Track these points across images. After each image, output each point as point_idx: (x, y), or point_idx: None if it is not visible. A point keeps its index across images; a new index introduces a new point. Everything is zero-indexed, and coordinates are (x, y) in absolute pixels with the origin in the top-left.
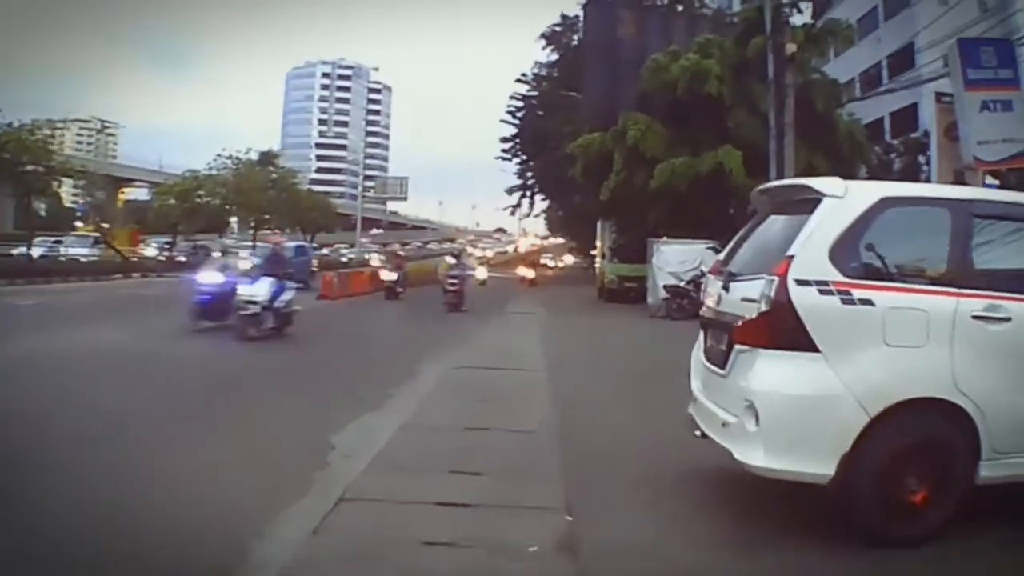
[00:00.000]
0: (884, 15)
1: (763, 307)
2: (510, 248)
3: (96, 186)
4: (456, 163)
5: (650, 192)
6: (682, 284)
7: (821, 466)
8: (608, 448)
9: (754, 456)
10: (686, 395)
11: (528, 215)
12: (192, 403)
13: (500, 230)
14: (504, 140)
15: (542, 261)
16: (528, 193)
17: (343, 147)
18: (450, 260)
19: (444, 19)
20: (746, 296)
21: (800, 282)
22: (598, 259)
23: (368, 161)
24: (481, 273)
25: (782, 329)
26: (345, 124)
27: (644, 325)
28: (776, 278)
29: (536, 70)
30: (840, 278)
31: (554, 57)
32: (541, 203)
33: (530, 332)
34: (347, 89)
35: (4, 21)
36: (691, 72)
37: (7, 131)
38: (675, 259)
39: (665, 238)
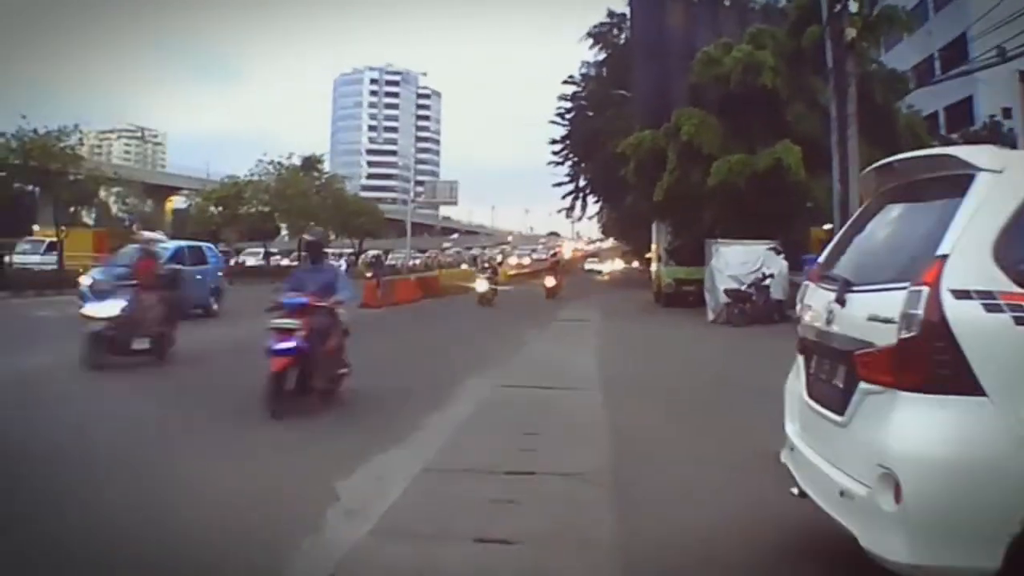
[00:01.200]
0: (934, 7)
1: (906, 330)
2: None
3: (131, 193)
4: (509, 167)
5: (706, 191)
6: (743, 287)
7: (982, 556)
8: (674, 505)
9: (893, 546)
10: (765, 427)
11: (580, 218)
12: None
13: (553, 234)
14: (554, 142)
15: (588, 267)
16: (580, 195)
17: (393, 153)
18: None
19: (491, 23)
20: (876, 314)
21: (957, 293)
22: (653, 262)
23: (419, 167)
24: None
25: (934, 362)
26: (395, 130)
27: (704, 332)
28: (924, 288)
29: (584, 70)
30: (1012, 287)
31: (601, 56)
32: (594, 205)
33: (584, 342)
34: (396, 95)
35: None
36: (744, 64)
37: (33, 138)
38: (735, 261)
39: (721, 239)
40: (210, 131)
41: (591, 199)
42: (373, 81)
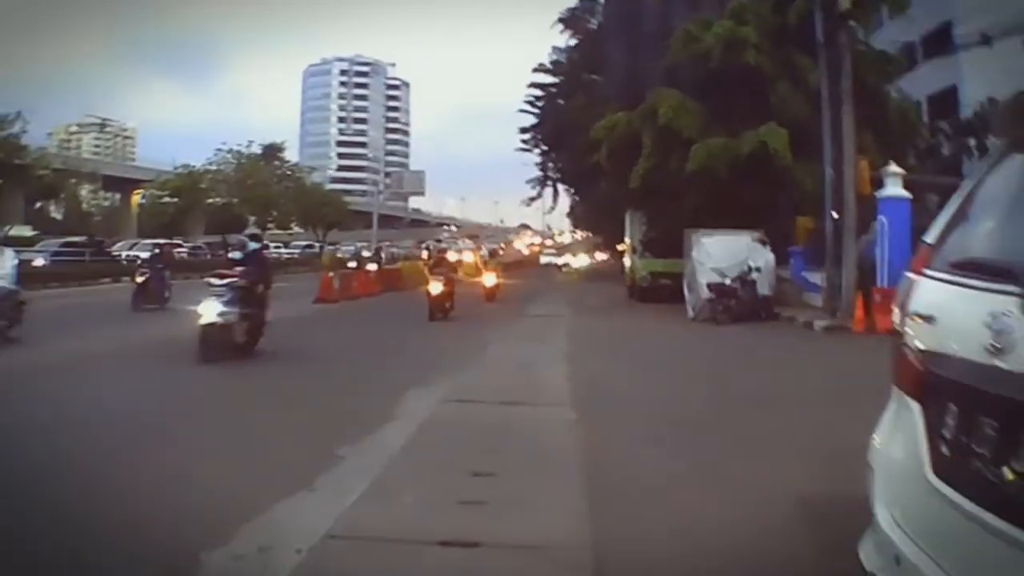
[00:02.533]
0: None
1: None
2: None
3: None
4: (479, 159)
5: (685, 177)
6: (727, 282)
7: None
8: None
9: None
10: (783, 457)
11: (552, 209)
12: None
13: (524, 226)
14: (524, 130)
15: (545, 260)
16: (551, 185)
17: (363, 144)
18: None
19: (460, 11)
20: None
21: None
22: (627, 254)
23: (388, 158)
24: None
25: None
26: (364, 121)
27: (686, 331)
28: None
29: (555, 56)
30: None
31: (573, 42)
32: (565, 196)
33: (553, 343)
34: (365, 86)
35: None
36: (726, 41)
37: None
38: (719, 253)
39: (702, 229)
40: (183, 125)
41: (561, 188)
42: (343, 72)
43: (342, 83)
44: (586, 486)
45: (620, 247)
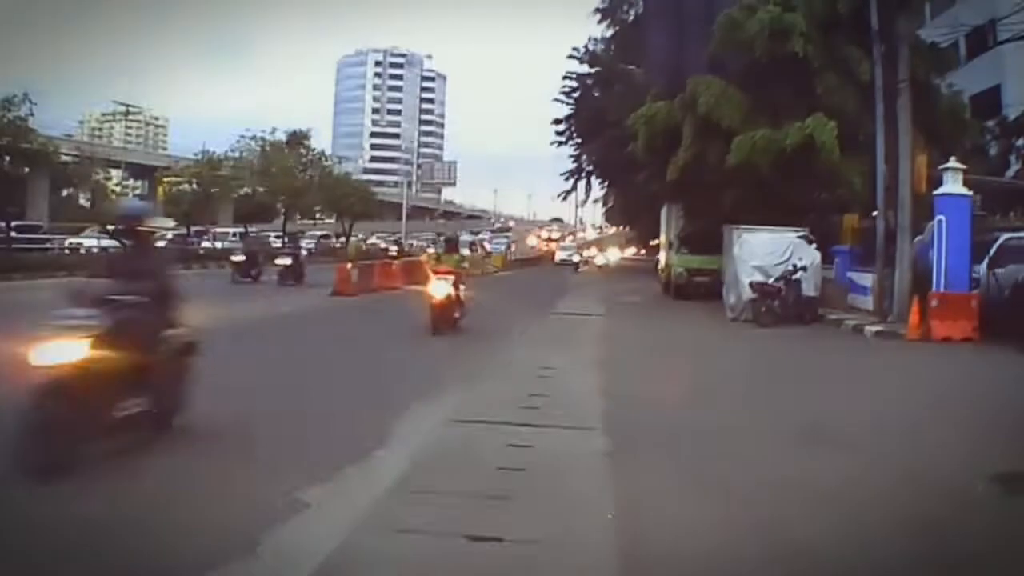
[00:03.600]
0: None
1: None
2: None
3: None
4: (513, 152)
5: (725, 170)
6: (771, 281)
7: None
8: None
9: None
10: None
11: (585, 203)
12: None
13: (556, 219)
14: (557, 122)
15: (561, 258)
16: (584, 177)
17: (396, 136)
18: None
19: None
20: None
21: None
22: (662, 250)
23: (422, 150)
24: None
25: None
26: (398, 112)
27: (727, 334)
28: None
29: (591, 46)
30: None
31: (610, 32)
32: (599, 190)
33: (583, 346)
34: (400, 77)
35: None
36: (771, 27)
37: None
38: (761, 250)
39: (743, 225)
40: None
41: (595, 182)
42: (377, 63)
43: (377, 74)
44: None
45: (655, 242)
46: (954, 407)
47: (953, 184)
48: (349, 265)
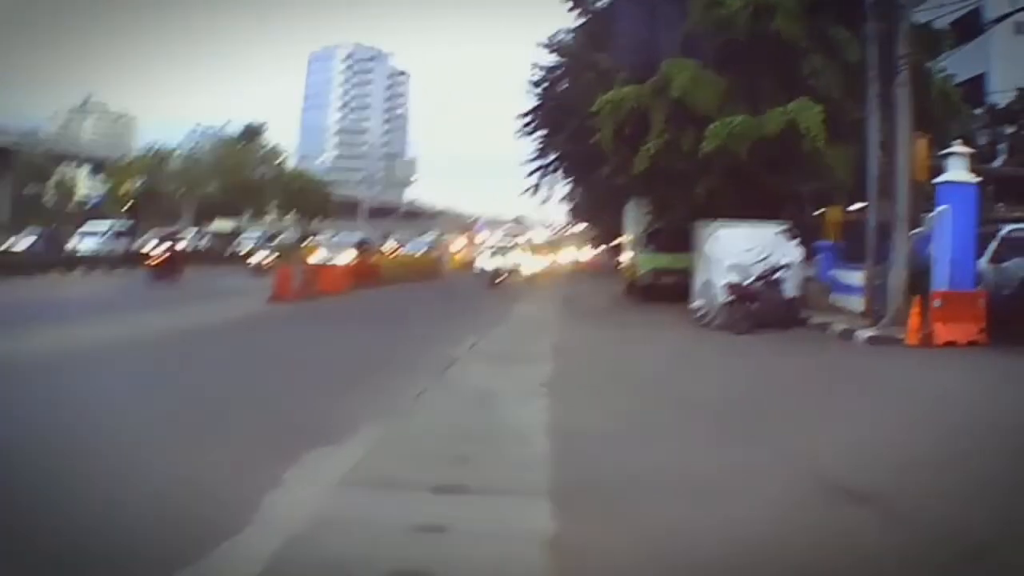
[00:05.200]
0: None
1: None
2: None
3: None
4: (479, 151)
5: (698, 160)
6: (749, 282)
7: None
8: None
9: None
10: None
11: (548, 199)
12: None
13: (520, 218)
14: (523, 115)
15: (483, 266)
16: (548, 172)
17: (362, 132)
18: None
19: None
20: None
21: None
22: (626, 248)
23: (387, 149)
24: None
25: None
26: (365, 108)
27: (700, 343)
28: None
29: (561, 37)
30: None
31: (579, 23)
32: (564, 186)
33: (532, 362)
34: (367, 73)
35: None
36: (754, 5)
37: None
38: (738, 247)
39: (717, 220)
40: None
41: (560, 176)
42: (346, 59)
43: (344, 71)
44: None
45: (619, 241)
46: (996, 441)
47: (958, 170)
48: (291, 268)
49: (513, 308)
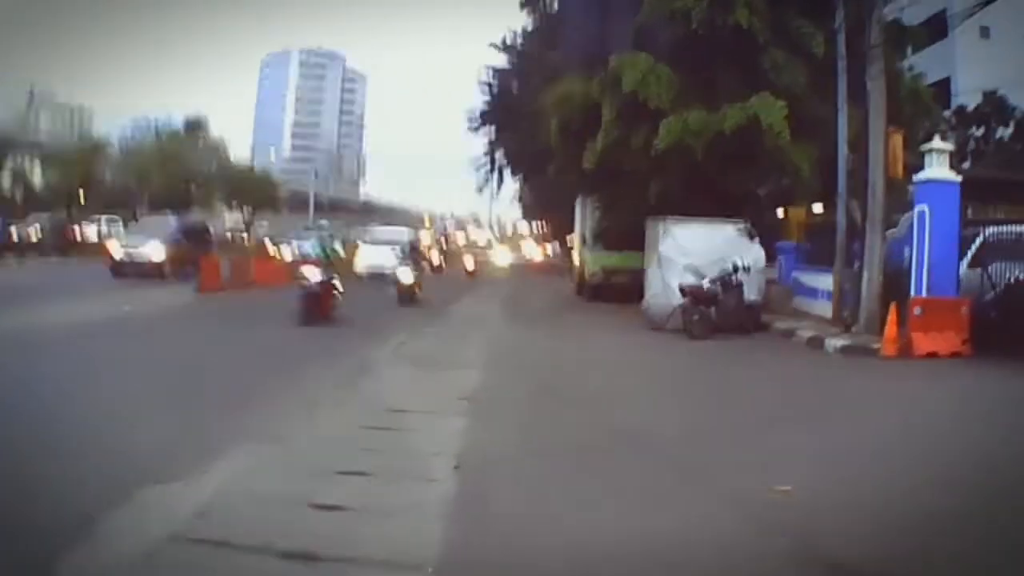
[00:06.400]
0: None
1: None
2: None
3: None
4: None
5: (651, 158)
6: (706, 284)
7: None
8: None
9: None
10: None
11: (496, 196)
12: None
13: (473, 216)
14: (473, 113)
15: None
16: (497, 169)
17: (316, 135)
18: None
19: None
20: None
21: None
22: (576, 247)
23: (342, 150)
24: None
25: None
26: (319, 111)
27: (653, 349)
28: None
29: (514, 38)
30: None
31: (532, 25)
32: (514, 183)
33: (459, 368)
34: (322, 75)
35: None
36: None
37: None
38: (694, 246)
39: (672, 218)
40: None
41: (509, 174)
42: (301, 61)
43: (300, 71)
44: None
45: (570, 238)
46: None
47: (938, 168)
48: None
49: (454, 307)
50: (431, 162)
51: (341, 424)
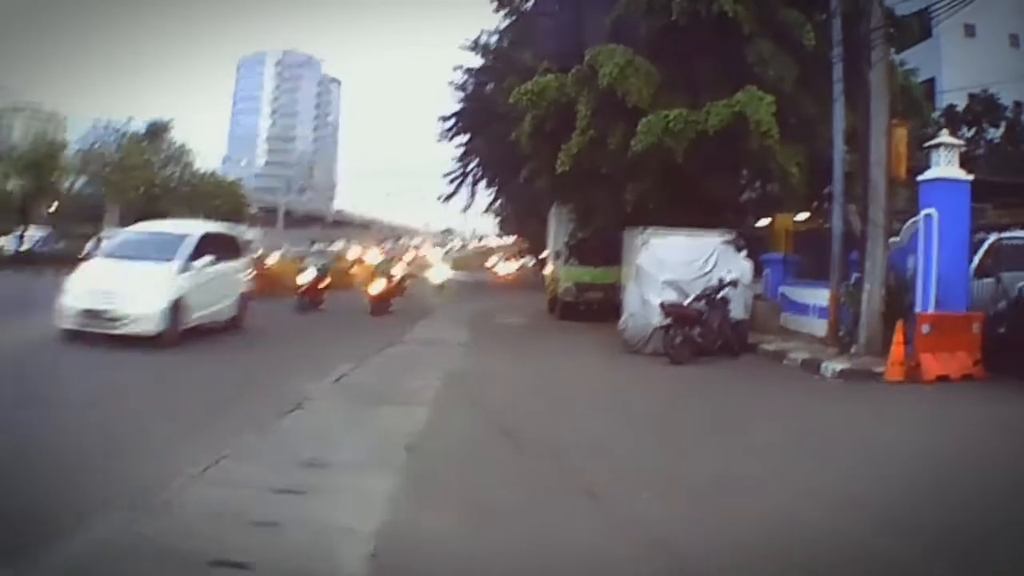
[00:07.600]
0: None
1: None
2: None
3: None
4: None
5: (630, 159)
6: (689, 301)
7: None
8: None
9: None
10: None
11: (469, 207)
12: None
13: (447, 230)
14: (445, 118)
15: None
16: (469, 178)
17: (291, 140)
18: None
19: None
20: None
21: None
22: (549, 261)
23: (316, 156)
24: None
25: None
26: (294, 116)
27: (631, 378)
28: None
29: (487, 39)
30: None
31: (505, 24)
32: (487, 195)
33: (405, 405)
34: (297, 81)
35: None
36: None
37: None
38: (676, 260)
39: (651, 228)
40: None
41: (483, 184)
42: (277, 64)
43: (275, 76)
44: None
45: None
46: None
47: (946, 166)
48: None
49: (410, 329)
50: (406, 175)
51: (253, 477)
